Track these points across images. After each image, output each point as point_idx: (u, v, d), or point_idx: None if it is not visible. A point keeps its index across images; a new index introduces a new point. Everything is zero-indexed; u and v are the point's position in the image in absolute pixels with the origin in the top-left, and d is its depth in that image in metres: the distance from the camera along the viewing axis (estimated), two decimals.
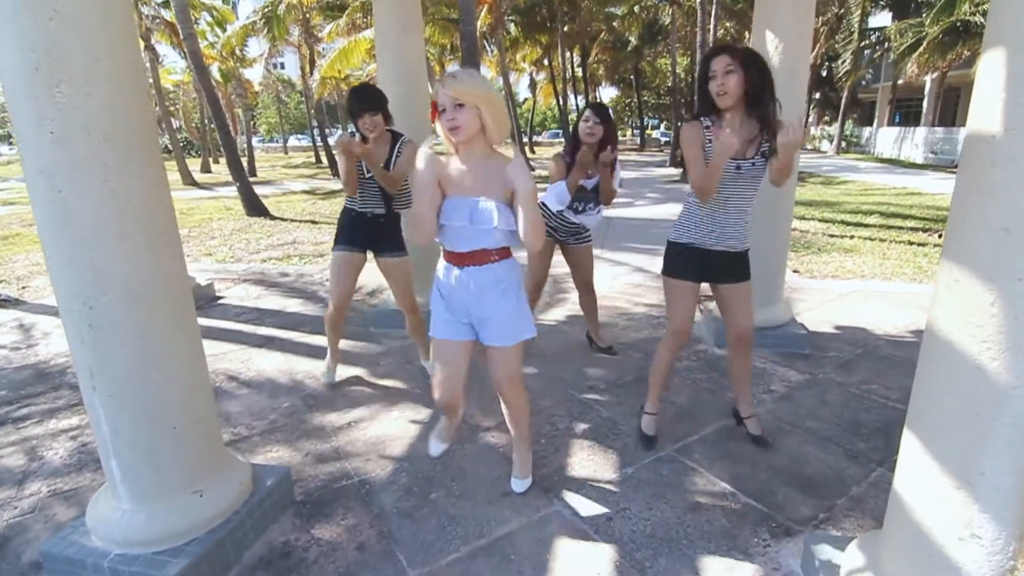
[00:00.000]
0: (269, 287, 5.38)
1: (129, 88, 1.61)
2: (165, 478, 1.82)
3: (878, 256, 6.03)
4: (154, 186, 1.72)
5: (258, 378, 3.36)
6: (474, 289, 1.92)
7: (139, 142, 1.65)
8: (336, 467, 2.45)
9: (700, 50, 16.51)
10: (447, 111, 1.75)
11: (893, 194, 11.53)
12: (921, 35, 18.01)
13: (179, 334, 1.82)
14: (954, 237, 1.29)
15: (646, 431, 2.57)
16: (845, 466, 2.37)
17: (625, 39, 28.08)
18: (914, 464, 1.42)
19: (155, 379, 1.75)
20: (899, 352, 3.50)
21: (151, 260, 1.70)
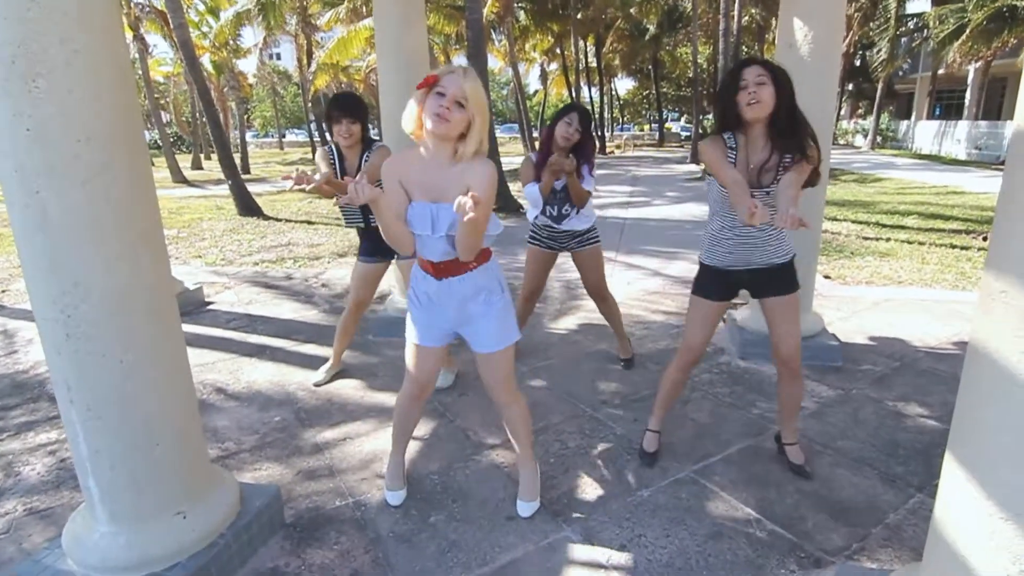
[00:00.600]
0: (262, 292, 5.40)
1: (113, 83, 1.62)
2: (146, 499, 1.82)
3: (917, 261, 5.97)
4: (138, 187, 1.72)
5: (248, 390, 3.36)
6: (456, 301, 1.96)
7: (123, 140, 1.65)
8: (329, 486, 2.44)
9: (723, 39, 16.48)
10: (446, 99, 1.73)
11: (933, 193, 11.42)
12: (963, 21, 17.86)
13: (163, 344, 1.82)
14: (1001, 242, 1.26)
15: (646, 447, 2.57)
16: (881, 491, 2.33)
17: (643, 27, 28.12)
18: (957, 491, 1.39)
19: (137, 393, 1.75)
20: (940, 366, 3.44)
21: (133, 266, 1.71)
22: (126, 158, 1.67)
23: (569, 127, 3.01)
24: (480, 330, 2.01)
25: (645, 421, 2.87)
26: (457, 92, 1.73)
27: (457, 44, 24.91)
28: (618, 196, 11.99)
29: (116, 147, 1.64)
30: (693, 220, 9.07)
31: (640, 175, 17.01)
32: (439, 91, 1.74)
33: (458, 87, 1.73)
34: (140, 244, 1.73)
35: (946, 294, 4.85)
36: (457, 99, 1.73)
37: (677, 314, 4.49)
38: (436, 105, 1.73)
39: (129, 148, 1.68)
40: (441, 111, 1.73)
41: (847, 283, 5.23)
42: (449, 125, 1.74)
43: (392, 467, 2.36)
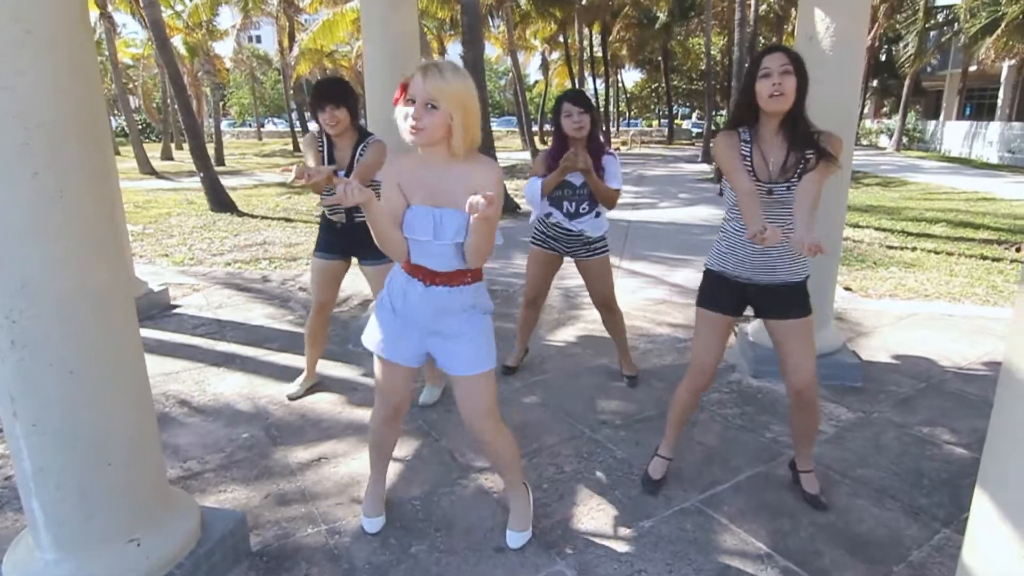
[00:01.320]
0: (233, 295, 5.37)
1: (71, 66, 1.60)
2: (97, 523, 1.79)
3: (944, 272, 5.99)
4: (97, 181, 1.70)
5: (215, 403, 3.33)
6: (433, 312, 1.95)
7: (81, 129, 1.63)
8: (301, 512, 2.41)
9: (739, 29, 16.58)
10: (415, 108, 1.73)
11: (962, 199, 11.49)
12: (997, 15, 18.07)
13: (120, 354, 1.80)
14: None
15: (651, 474, 2.55)
16: (904, 525, 2.31)
17: (653, 15, 28.31)
18: (987, 528, 1.37)
19: (88, 406, 1.72)
20: (969, 388, 3.44)
21: (88, 267, 1.68)
22: (83, 148, 1.65)
23: (571, 117, 3.01)
24: (456, 350, 1.99)
25: (648, 444, 2.86)
26: (423, 95, 1.73)
27: (451, 30, 25.00)
28: (623, 196, 11.99)
29: (72, 136, 1.61)
30: (703, 224, 9.09)
31: (647, 175, 17.08)
32: (410, 98, 1.76)
33: (422, 90, 1.73)
34: (96, 242, 1.71)
35: (976, 309, 4.87)
36: (426, 102, 1.74)
37: (685, 326, 4.48)
38: (407, 118, 1.76)
39: (88, 137, 1.66)
40: (413, 123, 1.75)
41: (869, 296, 5.24)
42: (424, 133, 1.76)
43: (370, 492, 2.33)
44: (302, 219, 9.72)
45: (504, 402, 3.29)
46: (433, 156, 1.84)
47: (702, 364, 2.38)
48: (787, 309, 2.25)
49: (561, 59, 32.30)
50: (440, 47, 27.40)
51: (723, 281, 2.32)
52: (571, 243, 3.29)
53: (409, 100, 1.75)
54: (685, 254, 6.96)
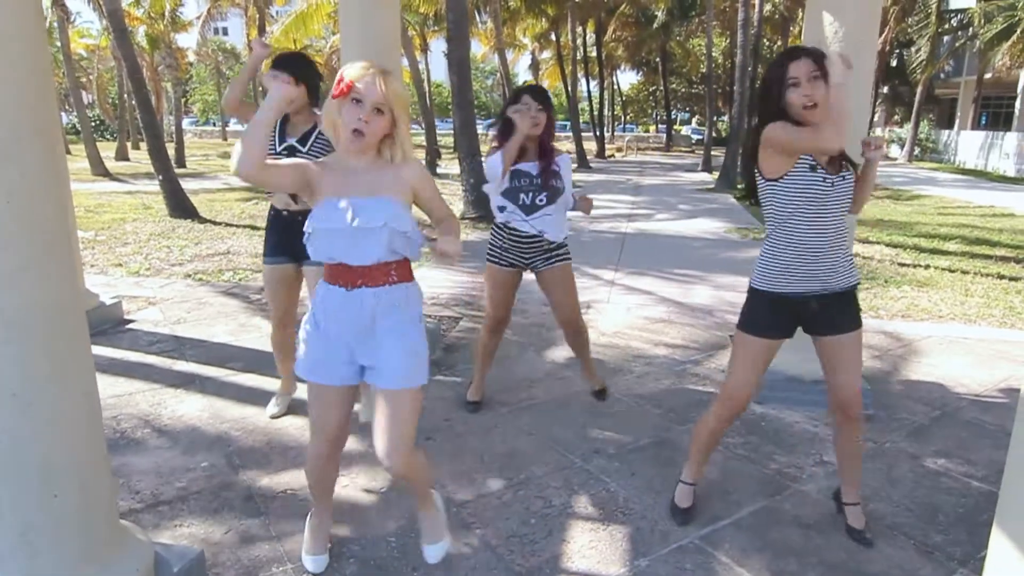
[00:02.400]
0: (193, 309, 5.34)
1: (21, 58, 1.60)
2: (42, 561, 1.76)
3: (959, 292, 6.09)
4: (47, 185, 1.69)
5: (172, 427, 3.30)
6: (365, 316, 1.92)
7: (30, 129, 1.63)
8: (265, 550, 2.39)
9: (742, 30, 16.88)
10: (362, 108, 1.78)
11: (978, 214, 11.73)
12: (1014, 20, 18.54)
13: (68, 375, 1.78)
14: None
15: (679, 503, 2.56)
16: (918, 565, 2.33)
17: (651, 13, 28.74)
18: (1006, 564, 1.40)
19: (33, 433, 1.70)
20: (986, 417, 3.50)
21: (37, 280, 1.67)
22: (34, 150, 1.64)
23: (529, 111, 3.00)
24: (385, 360, 1.95)
25: (645, 475, 2.88)
26: (377, 98, 1.77)
27: (435, 25, 25.19)
28: (618, 207, 12.12)
29: (21, 136, 1.61)
30: (704, 238, 9.19)
31: (644, 184, 17.25)
32: (355, 98, 1.78)
33: (377, 92, 1.77)
34: (47, 252, 1.70)
35: (993, 332, 4.95)
36: (377, 105, 1.78)
37: (683, 347, 4.52)
38: (354, 118, 1.79)
39: (39, 136, 1.66)
40: (359, 124, 1.79)
41: (880, 317, 5.31)
42: (366, 138, 1.82)
43: (313, 529, 2.28)
44: None
45: (489, 430, 3.30)
46: (356, 159, 1.90)
47: (736, 394, 2.38)
48: (842, 322, 2.31)
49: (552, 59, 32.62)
50: (423, 43, 27.60)
51: (776, 302, 2.29)
52: (530, 252, 3.23)
53: (356, 100, 1.78)
54: (685, 269, 7.03)
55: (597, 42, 30.30)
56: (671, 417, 3.47)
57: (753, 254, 8.40)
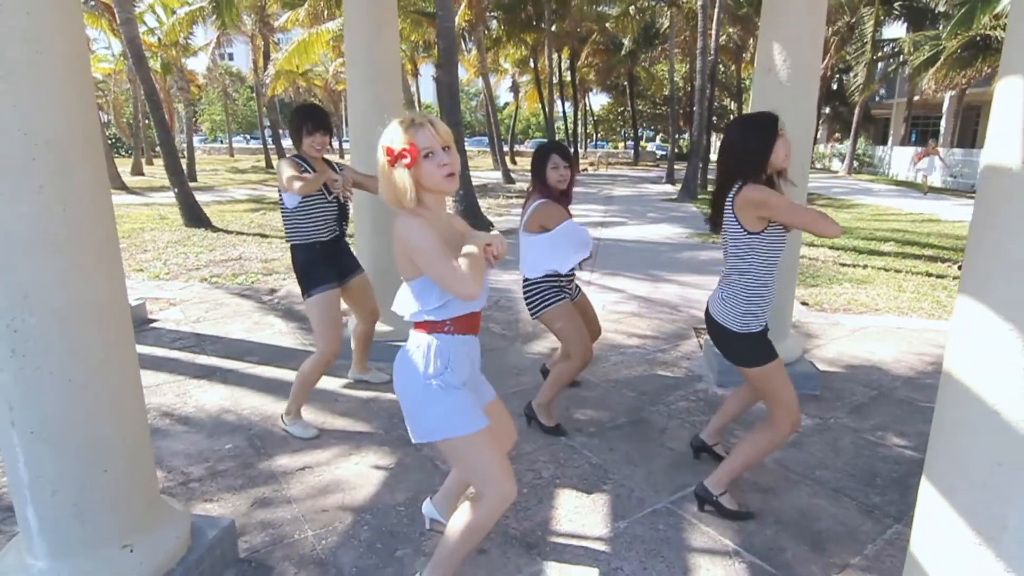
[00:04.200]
0: (210, 309, 5.33)
1: (74, 86, 1.64)
2: (91, 529, 1.79)
3: (893, 288, 6.24)
4: (96, 195, 1.73)
5: (197, 415, 3.32)
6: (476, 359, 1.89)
7: (82, 146, 1.67)
8: (287, 519, 2.42)
9: (701, 57, 17.07)
10: (436, 155, 1.67)
11: (909, 220, 11.97)
12: (939, 49, 18.95)
13: (115, 363, 1.81)
14: (971, 274, 1.38)
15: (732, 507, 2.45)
16: (859, 522, 2.43)
17: (619, 42, 28.90)
18: (932, 518, 1.48)
19: (86, 414, 1.74)
20: (917, 395, 3.62)
21: (89, 279, 1.71)
22: (84, 164, 1.68)
23: (557, 169, 2.97)
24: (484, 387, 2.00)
25: (621, 450, 2.96)
26: (439, 141, 1.68)
27: (424, 52, 25.18)
28: (592, 216, 12.20)
29: (75, 152, 1.65)
30: (668, 242, 9.31)
31: (614, 195, 17.35)
32: (426, 153, 1.67)
33: (438, 137, 1.68)
34: (96, 255, 1.74)
35: (922, 323, 5.09)
36: (444, 146, 1.70)
37: (653, 338, 4.60)
38: (438, 168, 1.67)
39: (88, 154, 1.69)
40: (449, 169, 1.69)
41: (824, 310, 5.44)
42: (456, 177, 1.73)
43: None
44: (277, 235, 9.65)
45: None
46: (438, 204, 1.78)
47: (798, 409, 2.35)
48: None
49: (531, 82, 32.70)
50: (413, 68, 27.57)
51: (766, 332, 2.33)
52: (570, 286, 3.18)
53: (427, 155, 1.67)
54: (653, 270, 7.12)
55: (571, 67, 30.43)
56: (643, 399, 3.55)
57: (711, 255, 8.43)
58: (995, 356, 1.29)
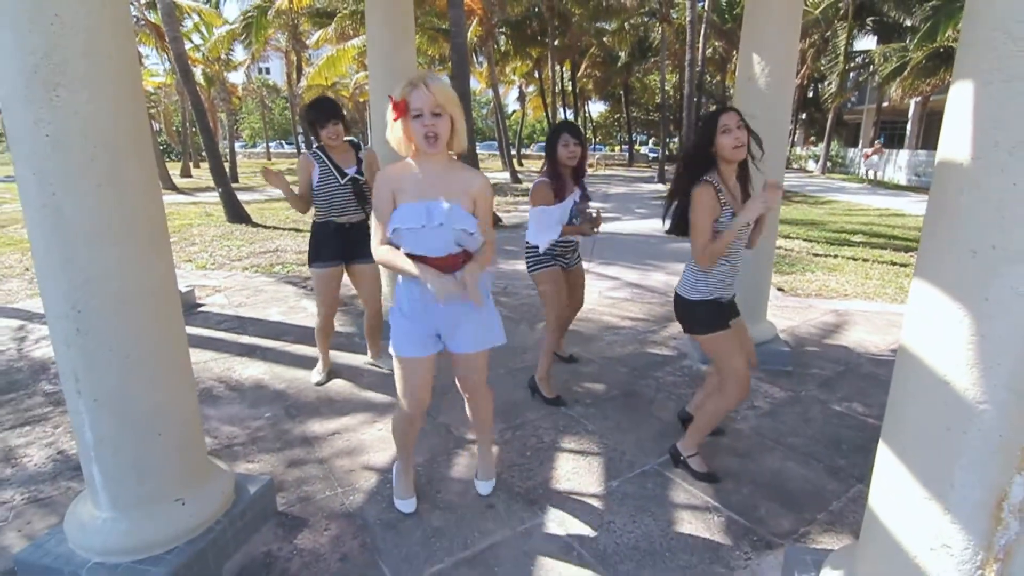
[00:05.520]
0: (251, 295, 5.36)
1: (127, 94, 1.65)
2: (148, 486, 1.83)
3: (861, 276, 6.19)
4: (148, 193, 1.75)
5: (240, 387, 3.35)
6: (445, 303, 1.86)
7: (135, 147, 1.68)
8: (319, 477, 2.46)
9: (689, 68, 16.89)
10: (424, 116, 1.70)
11: (876, 215, 11.83)
12: (905, 59, 18.63)
13: (167, 340, 1.84)
14: (925, 259, 1.37)
15: (699, 469, 2.47)
16: (826, 482, 2.44)
17: (615, 54, 28.62)
18: (888, 478, 1.49)
19: (142, 386, 1.77)
20: (880, 371, 3.60)
21: (142, 266, 1.73)
22: (137, 164, 1.70)
23: (567, 147, 2.93)
24: (461, 331, 1.97)
25: (614, 419, 2.97)
26: (430, 104, 1.69)
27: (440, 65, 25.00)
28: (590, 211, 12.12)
29: (129, 154, 1.67)
30: (658, 235, 9.25)
31: (611, 192, 17.24)
32: (415, 113, 1.71)
33: (428, 99, 1.68)
34: (149, 246, 1.76)
35: (886, 306, 5.06)
36: (433, 111, 1.71)
37: (644, 320, 4.60)
38: (421, 127, 1.71)
39: (140, 155, 1.71)
40: (428, 131, 1.71)
41: (798, 295, 5.40)
42: (439, 139, 1.75)
43: (400, 478, 2.27)
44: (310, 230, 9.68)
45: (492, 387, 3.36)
46: (429, 160, 1.80)
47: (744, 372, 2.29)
48: (734, 312, 2.42)
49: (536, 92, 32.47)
50: None
51: (719, 305, 2.31)
52: (567, 253, 3.17)
53: (415, 114, 1.70)
54: (644, 260, 7.10)
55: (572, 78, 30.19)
56: (635, 374, 3.56)
57: None
58: (945, 332, 1.29)
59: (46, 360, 3.73)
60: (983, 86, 1.22)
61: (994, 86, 1.20)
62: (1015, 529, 1.28)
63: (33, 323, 4.50)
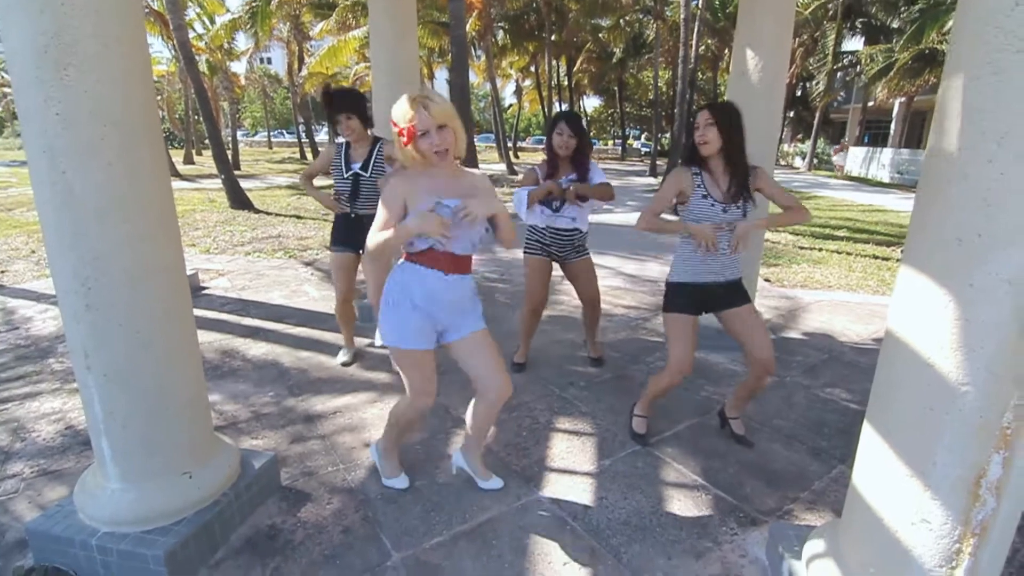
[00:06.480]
0: (254, 279, 5.34)
1: (136, 74, 1.63)
2: (156, 459, 1.83)
3: (845, 268, 6.23)
4: (156, 172, 1.73)
5: (244, 367, 3.35)
6: (455, 298, 1.89)
7: (143, 127, 1.66)
8: (322, 454, 2.46)
9: (682, 65, 16.81)
10: (430, 135, 1.72)
11: (860, 211, 11.88)
12: (891, 60, 18.61)
13: (174, 318, 1.83)
14: (913, 246, 1.38)
15: (637, 430, 2.60)
16: (808, 462, 2.47)
17: (610, 50, 28.41)
18: (871, 455, 1.51)
19: (150, 360, 1.76)
20: (862, 359, 3.63)
21: (150, 244, 1.72)
22: (146, 143, 1.68)
23: (561, 136, 2.89)
24: (466, 321, 1.97)
25: (607, 401, 2.98)
26: (431, 123, 1.72)
27: (439, 57, 24.77)
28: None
29: (138, 133, 1.65)
30: None
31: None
32: (421, 133, 1.73)
33: (428, 118, 1.71)
34: (157, 225, 1.74)
35: (868, 298, 5.09)
36: (438, 125, 1.74)
37: (636, 308, 4.62)
38: (429, 145, 1.74)
39: (149, 134, 1.69)
40: (438, 147, 1.74)
41: (784, 286, 5.43)
42: (448, 153, 1.79)
43: (387, 459, 2.26)
44: (311, 216, 9.62)
45: None
46: (438, 170, 1.82)
47: (681, 365, 2.33)
48: (733, 300, 2.34)
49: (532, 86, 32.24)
50: (429, 72, 27.13)
51: (687, 289, 2.33)
52: (563, 246, 3.09)
53: (422, 133, 1.72)
54: (636, 251, 7.10)
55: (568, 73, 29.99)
56: (627, 359, 3.57)
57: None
58: (931, 317, 1.30)
59: (53, 339, 3.71)
60: (973, 80, 1.22)
61: (983, 79, 1.20)
62: (991, 505, 1.30)
63: (41, 303, 4.47)
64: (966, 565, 1.34)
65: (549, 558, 1.89)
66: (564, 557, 1.90)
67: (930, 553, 1.36)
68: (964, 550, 1.33)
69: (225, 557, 1.88)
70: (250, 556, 1.89)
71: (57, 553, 1.80)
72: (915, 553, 1.38)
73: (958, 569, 1.35)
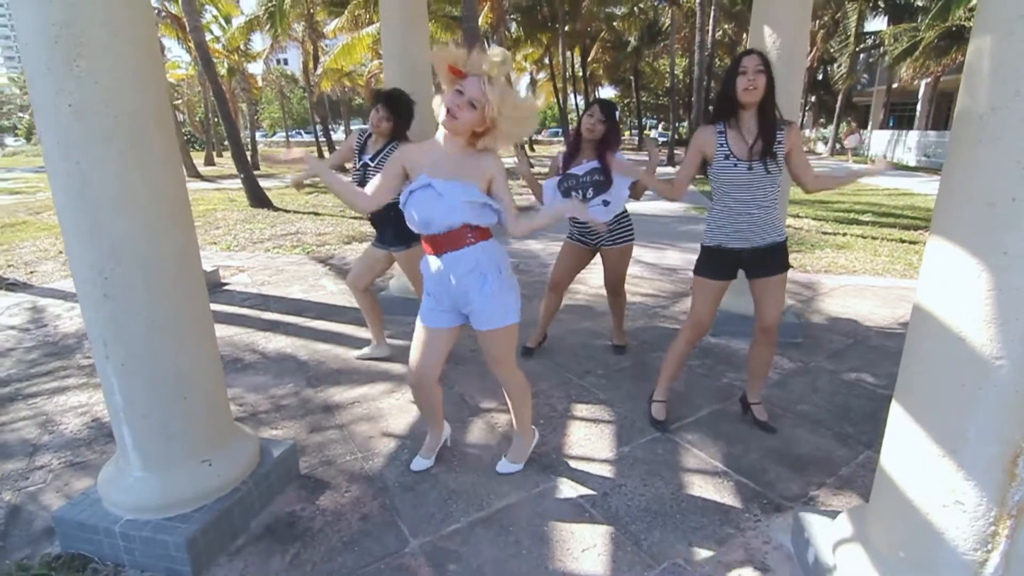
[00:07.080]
0: (273, 275, 5.39)
1: (147, 64, 1.63)
2: (176, 447, 1.85)
3: (870, 253, 6.08)
4: (169, 163, 1.74)
5: (263, 360, 3.38)
6: (455, 279, 1.88)
7: (156, 118, 1.67)
8: (340, 443, 2.47)
9: (699, 51, 16.54)
10: (460, 97, 1.67)
11: (885, 195, 11.59)
12: (916, 40, 18.05)
13: (191, 307, 1.84)
14: (942, 212, 1.32)
15: (656, 416, 2.57)
16: (834, 448, 2.40)
17: (625, 39, 28.05)
18: (901, 435, 1.45)
19: (167, 350, 1.77)
20: (888, 343, 3.53)
21: (165, 234, 1.72)
22: (158, 134, 1.69)
23: (591, 118, 2.88)
24: (476, 309, 1.93)
25: (624, 388, 2.94)
26: (475, 95, 1.66)
27: None
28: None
29: (150, 123, 1.65)
30: (667, 215, 9.15)
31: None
32: (459, 88, 1.68)
33: (477, 91, 1.65)
34: (171, 214, 1.75)
35: (895, 281, 4.96)
36: (471, 101, 1.67)
37: (653, 296, 4.56)
38: (450, 101, 1.69)
39: (161, 125, 1.70)
40: (452, 107, 1.69)
41: (808, 271, 5.32)
42: (457, 123, 1.71)
43: (428, 437, 2.30)
44: (329, 213, 9.69)
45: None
46: (452, 142, 1.82)
47: (700, 321, 2.40)
48: (771, 266, 2.29)
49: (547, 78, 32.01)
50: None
51: (718, 253, 2.31)
52: (592, 234, 3.10)
53: (458, 90, 1.68)
54: (653, 238, 7.02)
55: (582, 64, 29.71)
56: (645, 347, 3.53)
57: None
58: (961, 288, 1.24)
59: (80, 336, 3.79)
60: (1004, 36, 1.16)
61: (1016, 35, 1.13)
62: None
63: (68, 302, 4.57)
64: (1002, 548, 1.28)
65: (567, 545, 1.87)
66: (583, 544, 1.87)
67: (963, 536, 1.31)
68: (1000, 532, 1.28)
69: (246, 543, 1.90)
70: (270, 542, 1.90)
71: (82, 540, 1.83)
72: (948, 536, 1.33)
73: (994, 552, 1.29)
